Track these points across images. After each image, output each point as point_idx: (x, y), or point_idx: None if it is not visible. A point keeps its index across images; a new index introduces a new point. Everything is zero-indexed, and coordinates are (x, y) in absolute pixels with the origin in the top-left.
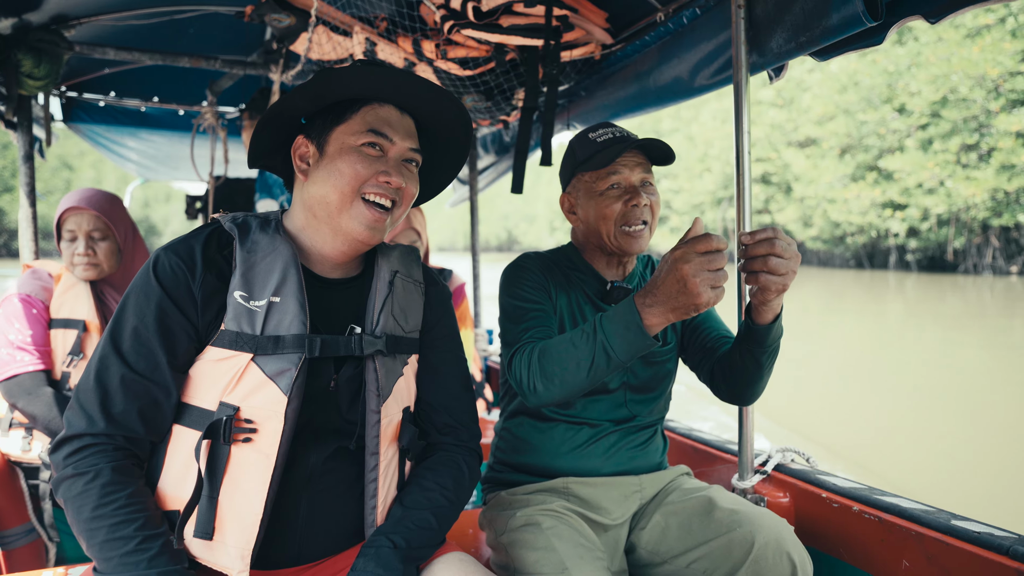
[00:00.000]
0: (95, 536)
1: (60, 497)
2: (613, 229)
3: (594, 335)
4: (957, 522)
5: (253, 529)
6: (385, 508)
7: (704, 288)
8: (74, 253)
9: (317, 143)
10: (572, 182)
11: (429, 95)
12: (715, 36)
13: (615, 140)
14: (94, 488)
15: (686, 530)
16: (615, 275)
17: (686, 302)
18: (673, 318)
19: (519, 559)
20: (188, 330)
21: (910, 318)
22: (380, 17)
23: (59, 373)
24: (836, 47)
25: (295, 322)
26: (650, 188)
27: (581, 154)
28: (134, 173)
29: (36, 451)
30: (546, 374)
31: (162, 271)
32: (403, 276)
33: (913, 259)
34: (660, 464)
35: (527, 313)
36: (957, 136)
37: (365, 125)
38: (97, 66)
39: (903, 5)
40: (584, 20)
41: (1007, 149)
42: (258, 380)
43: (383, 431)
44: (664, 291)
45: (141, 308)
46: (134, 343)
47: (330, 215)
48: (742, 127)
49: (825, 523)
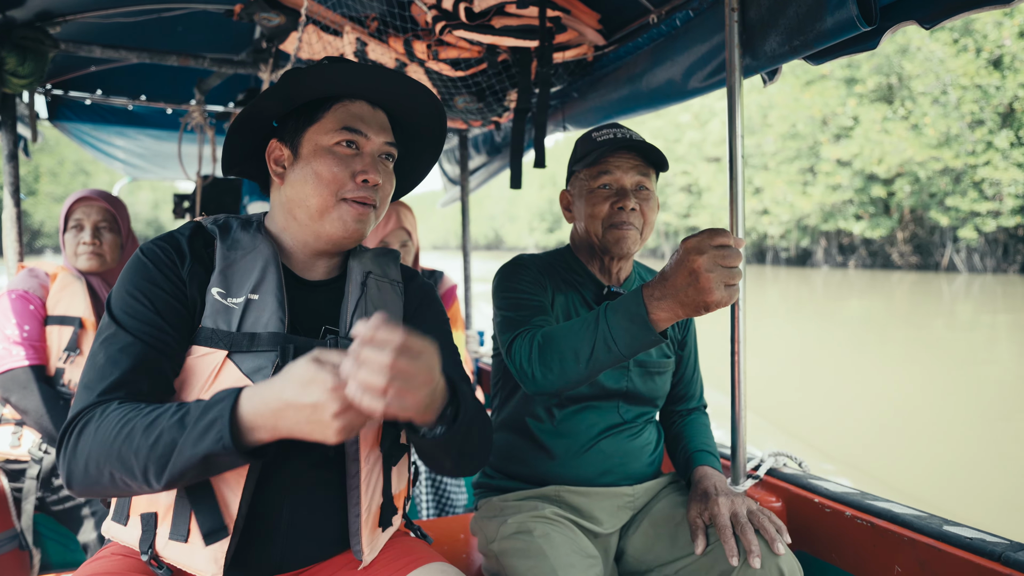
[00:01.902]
0: (139, 447)
1: (78, 459)
2: (600, 228)
3: (596, 325)
4: (949, 528)
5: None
6: (370, 515)
7: (717, 284)
8: (80, 242)
9: (291, 145)
10: (571, 179)
11: (399, 88)
12: (708, 38)
13: (614, 141)
14: (110, 416)
15: (673, 539)
16: (611, 279)
17: (696, 298)
18: (682, 314)
19: (511, 567)
20: (180, 299)
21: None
22: (371, 17)
23: (53, 369)
24: (830, 51)
25: (273, 319)
26: (643, 192)
27: (580, 151)
28: (121, 172)
29: (26, 447)
30: (545, 362)
31: (151, 253)
32: (377, 276)
33: (783, 256)
34: (655, 473)
35: (528, 303)
36: (797, 161)
37: (338, 123)
38: (83, 64)
39: (897, 10)
40: (576, 21)
41: (830, 172)
42: (234, 378)
43: (362, 437)
44: (674, 283)
45: (134, 284)
46: (127, 309)
47: (311, 217)
48: (735, 130)
49: (817, 527)
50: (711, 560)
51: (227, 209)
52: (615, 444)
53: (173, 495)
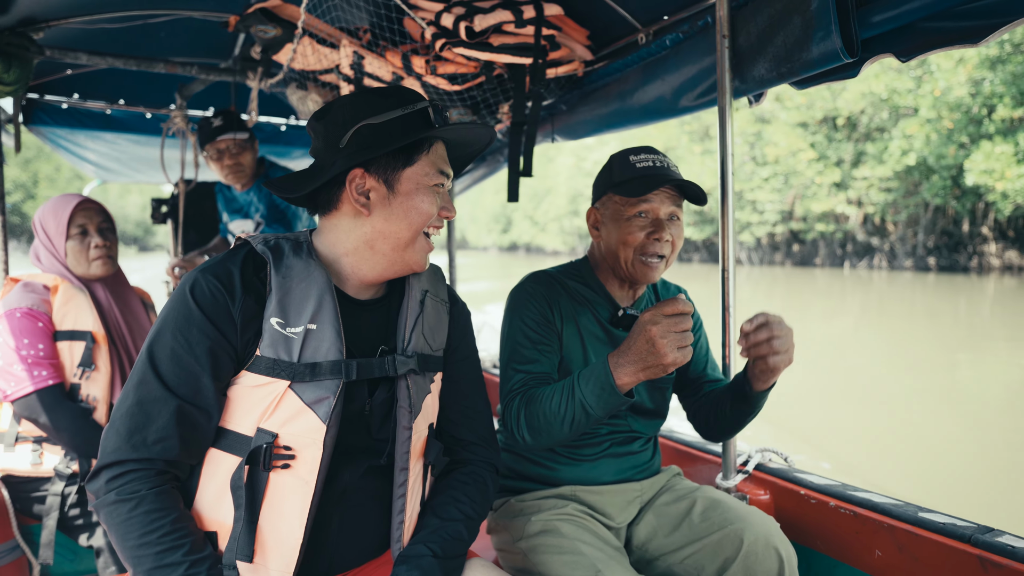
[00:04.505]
0: (142, 563)
1: (104, 523)
2: (632, 256)
3: (572, 393)
4: (924, 514)
5: (295, 551)
6: (411, 520)
7: (671, 348)
8: (91, 246)
9: (385, 180)
10: (603, 199)
11: (476, 133)
12: (699, 60)
13: (654, 170)
14: (138, 515)
15: (677, 528)
16: (626, 299)
17: (654, 361)
18: (643, 377)
19: (544, 564)
20: (230, 352)
21: None
22: (363, 29)
23: (68, 385)
24: (814, 78)
25: (332, 349)
26: (676, 223)
27: (618, 175)
28: (91, 174)
29: (49, 464)
30: (532, 427)
31: (201, 294)
32: (432, 296)
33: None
34: (657, 469)
35: (525, 352)
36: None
37: (433, 166)
38: (59, 67)
39: (877, 43)
40: (567, 38)
41: None
42: (296, 408)
43: (412, 447)
44: (635, 351)
45: (181, 331)
46: (174, 366)
47: (395, 248)
48: (727, 149)
49: (803, 518)
50: (716, 547)
51: (207, 215)
52: (622, 447)
53: (231, 516)
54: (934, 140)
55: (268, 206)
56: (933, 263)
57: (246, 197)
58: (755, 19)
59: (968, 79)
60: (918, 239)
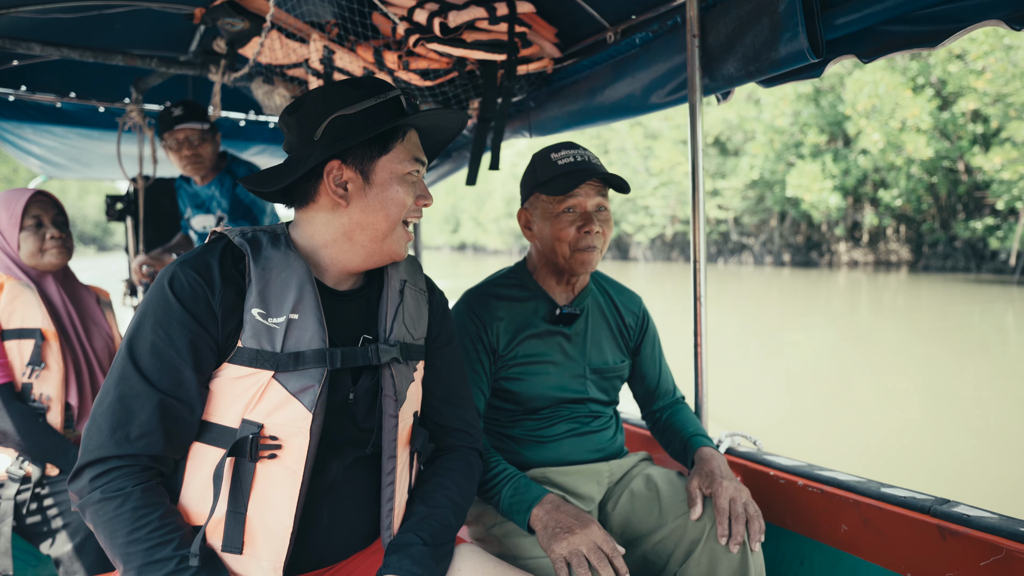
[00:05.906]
0: (132, 560)
1: (90, 522)
2: (567, 251)
3: (501, 491)
4: (886, 489)
5: (284, 541)
6: (400, 509)
7: (573, 555)
8: (47, 236)
9: (360, 171)
10: (531, 199)
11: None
12: (669, 59)
13: (576, 165)
14: (125, 512)
15: (648, 512)
16: (565, 296)
17: (561, 537)
18: (545, 528)
19: (519, 546)
20: (211, 345)
21: None
22: (331, 23)
23: (20, 385)
24: (780, 77)
25: (315, 338)
26: (603, 213)
27: (542, 175)
28: (36, 170)
29: (2, 467)
30: None
31: (179, 287)
32: (411, 285)
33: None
34: (622, 451)
35: None
36: None
37: (408, 154)
38: (6, 58)
39: (841, 44)
40: (536, 36)
41: None
42: (281, 397)
43: (399, 435)
44: (562, 524)
45: (161, 324)
46: (155, 360)
47: (373, 239)
48: (696, 145)
49: (773, 498)
50: (683, 529)
51: (164, 211)
52: (586, 428)
53: (224, 509)
54: (770, 158)
55: (231, 201)
56: (788, 259)
57: (208, 192)
58: (724, 19)
59: (791, 110)
60: (774, 240)
